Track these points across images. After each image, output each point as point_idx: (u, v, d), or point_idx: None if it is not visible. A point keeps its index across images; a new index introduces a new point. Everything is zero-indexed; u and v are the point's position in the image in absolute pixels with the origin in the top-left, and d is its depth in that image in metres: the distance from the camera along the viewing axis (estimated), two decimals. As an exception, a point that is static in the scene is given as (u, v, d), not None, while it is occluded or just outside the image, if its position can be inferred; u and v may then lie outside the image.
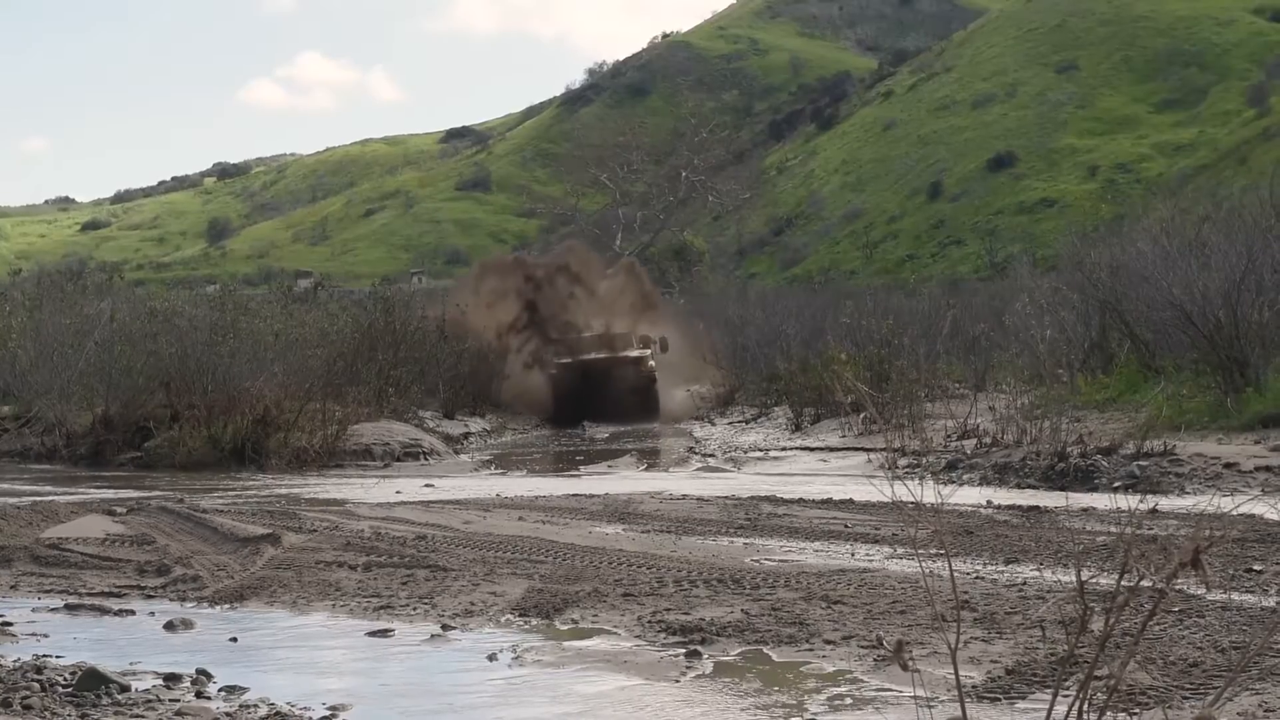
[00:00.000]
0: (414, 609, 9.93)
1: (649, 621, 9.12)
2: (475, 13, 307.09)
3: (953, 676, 5.30)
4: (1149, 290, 24.59)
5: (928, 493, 5.35)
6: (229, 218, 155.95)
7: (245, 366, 25.88)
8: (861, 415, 24.80)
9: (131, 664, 8.21)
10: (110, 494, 19.22)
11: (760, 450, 24.94)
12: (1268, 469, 16.00)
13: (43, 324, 31.93)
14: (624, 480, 20.83)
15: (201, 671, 7.91)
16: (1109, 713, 5.00)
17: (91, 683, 7.41)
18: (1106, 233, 32.45)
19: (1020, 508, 14.72)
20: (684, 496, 17.13)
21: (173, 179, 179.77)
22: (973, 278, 70.97)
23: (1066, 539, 11.76)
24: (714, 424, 33.18)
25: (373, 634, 9.20)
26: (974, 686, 7.03)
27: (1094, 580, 5.86)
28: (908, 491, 5.31)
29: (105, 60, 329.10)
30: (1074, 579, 5.06)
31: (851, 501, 15.76)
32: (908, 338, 26.93)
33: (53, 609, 10.31)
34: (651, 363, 37.76)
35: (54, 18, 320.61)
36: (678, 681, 7.65)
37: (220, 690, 7.60)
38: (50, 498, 18.61)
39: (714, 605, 9.54)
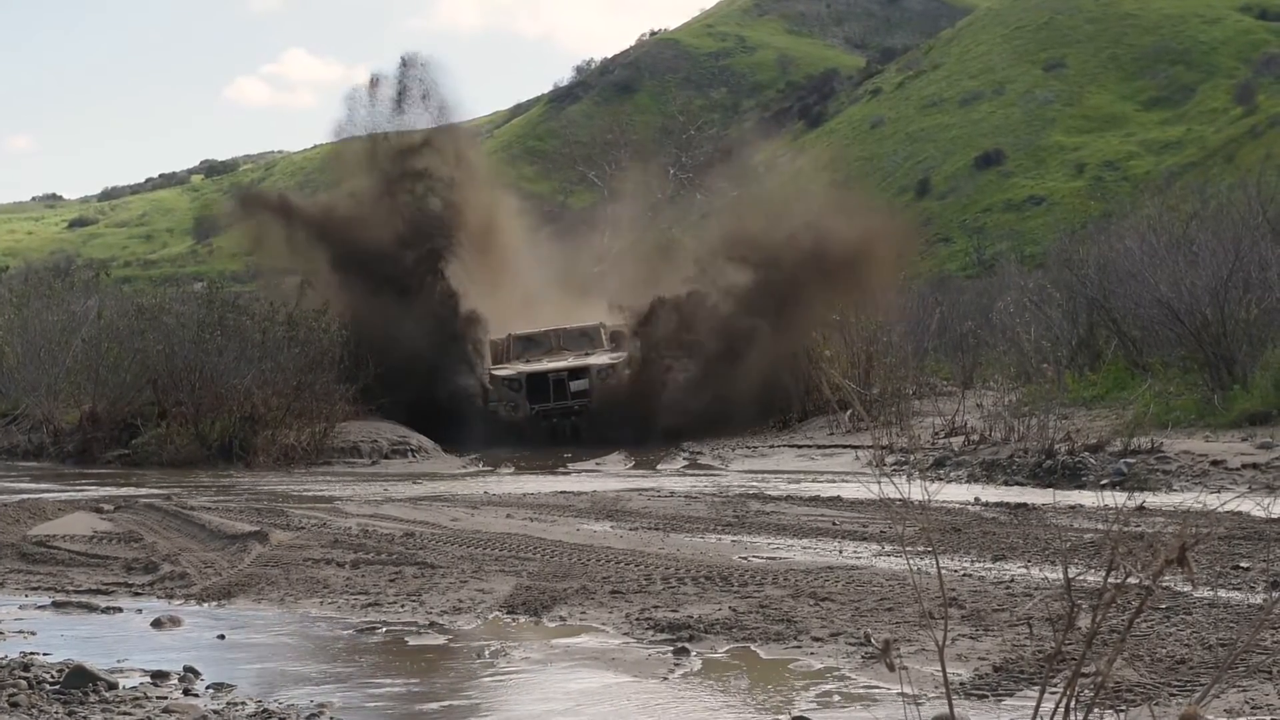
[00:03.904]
0: (402, 606, 9.92)
1: (637, 619, 9.12)
2: (460, 10, 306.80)
3: (940, 673, 5.31)
4: (1136, 288, 24.64)
5: (915, 490, 5.36)
6: (217, 215, 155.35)
7: (233, 364, 25.84)
8: (849, 413, 24.82)
9: (119, 661, 8.19)
10: (97, 491, 19.20)
11: (748, 447, 24.92)
12: (1254, 466, 16.03)
13: (30, 321, 31.88)
14: (612, 478, 20.83)
15: (189, 669, 7.90)
16: (1096, 710, 5.01)
17: (79, 680, 7.40)
18: (1094, 230, 32.48)
19: (1008, 505, 14.73)
20: (672, 494, 17.13)
21: (160, 176, 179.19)
22: (960, 275, 71.02)
23: (1054, 536, 11.78)
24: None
25: (360, 631, 9.19)
26: (961, 684, 7.04)
27: (1081, 577, 5.87)
28: (895, 489, 5.31)
29: (92, 58, 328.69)
30: (1061, 576, 5.06)
31: (839, 499, 15.78)
32: (895, 335, 26.94)
33: (40, 606, 10.29)
34: (627, 371, 29.13)
35: (40, 15, 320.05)
36: (665, 679, 7.65)
37: (208, 688, 7.59)
38: (37, 495, 18.59)
39: (702, 602, 9.54)
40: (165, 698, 7.34)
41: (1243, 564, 10.15)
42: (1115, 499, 10.96)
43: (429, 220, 32.06)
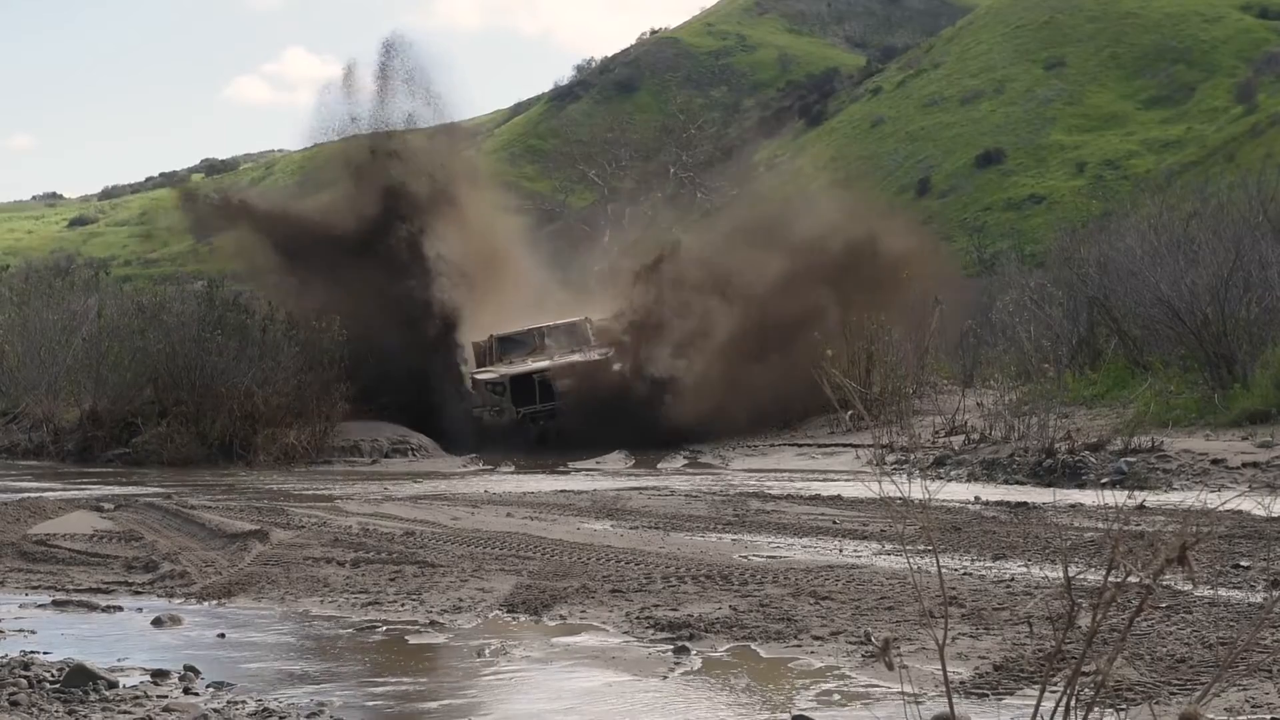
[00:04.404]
0: (402, 605, 9.93)
1: (637, 618, 9.12)
2: (459, 9, 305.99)
3: (941, 672, 5.30)
4: (1137, 286, 24.63)
5: (915, 489, 5.36)
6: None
7: (233, 363, 25.82)
8: (849, 412, 24.79)
9: (119, 660, 8.19)
10: (98, 490, 19.20)
11: (748, 446, 24.88)
12: (1254, 465, 16.03)
13: (30, 320, 31.90)
14: (612, 477, 20.82)
15: (189, 668, 7.90)
16: (1096, 708, 5.01)
17: (79, 679, 7.40)
18: (1094, 229, 32.44)
19: (1008, 504, 14.74)
20: (672, 492, 17.13)
21: (160, 175, 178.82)
22: (961, 274, 70.93)
23: (1054, 535, 11.78)
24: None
25: (361, 629, 9.19)
26: (962, 683, 7.04)
27: (1081, 576, 5.88)
28: (895, 487, 5.31)
29: (92, 57, 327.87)
30: (1061, 575, 5.06)
31: (840, 498, 15.78)
32: (896, 334, 26.89)
33: (40, 605, 10.29)
34: (616, 365, 27.22)
35: (40, 14, 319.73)
36: (665, 678, 7.65)
37: (208, 686, 7.58)
38: (38, 494, 18.59)
39: (702, 601, 9.54)
40: (165, 696, 7.34)
41: (1243, 563, 10.15)
42: (1115, 498, 10.96)
43: (403, 196, 30.31)
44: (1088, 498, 13.89)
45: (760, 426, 25.66)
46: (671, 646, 8.30)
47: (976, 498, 15.35)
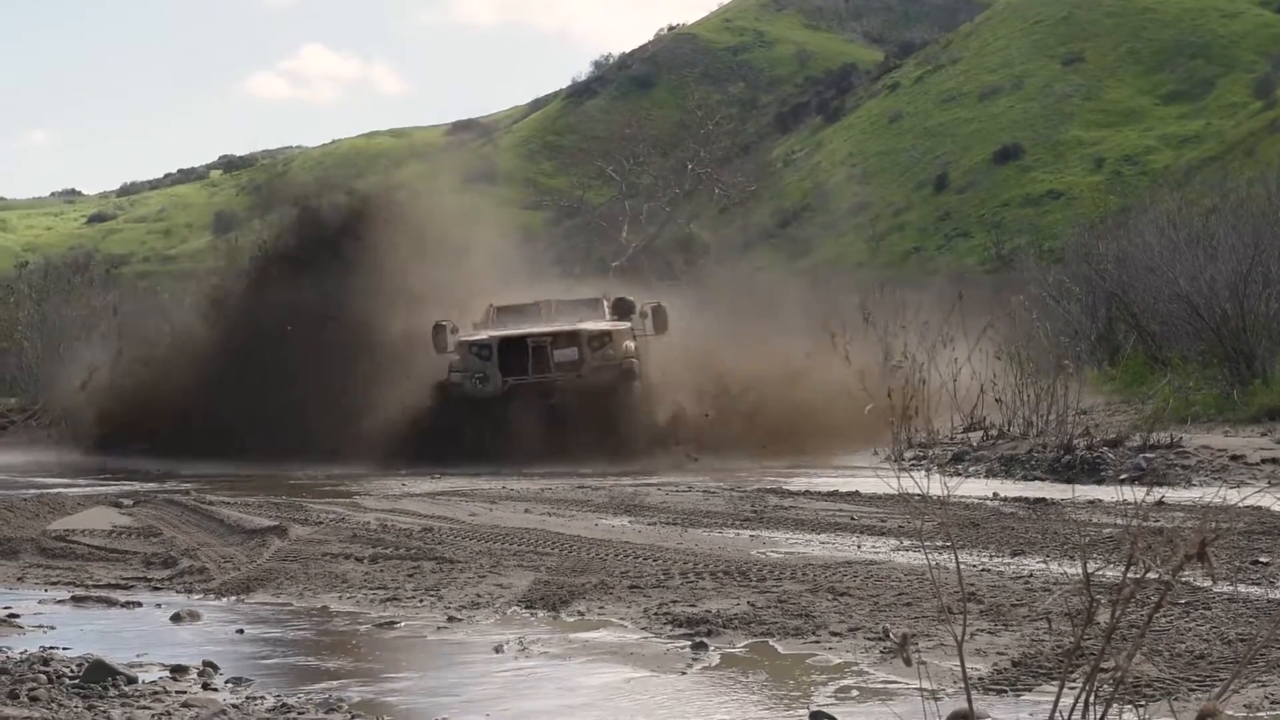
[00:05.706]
0: (420, 600, 9.93)
1: (655, 613, 9.11)
2: (476, 4, 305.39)
3: (959, 668, 5.29)
4: (1155, 282, 24.62)
5: (934, 485, 5.35)
6: (235, 210, 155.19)
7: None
8: (867, 408, 24.62)
9: (138, 656, 8.21)
10: (117, 486, 19.25)
11: (766, 442, 24.78)
12: (1274, 461, 16.00)
13: (49, 316, 32.04)
14: (629, 472, 20.77)
15: (208, 663, 7.91)
16: (1115, 705, 5.00)
17: (98, 674, 7.42)
18: (1113, 224, 32.38)
19: (1026, 500, 14.71)
20: (690, 488, 17.13)
21: (179, 171, 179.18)
22: (979, 270, 70.76)
23: (1073, 531, 11.74)
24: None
25: (379, 625, 9.20)
26: (980, 679, 7.02)
27: (1100, 572, 5.87)
28: (914, 484, 5.30)
29: (109, 53, 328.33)
30: (1080, 571, 5.05)
31: (858, 494, 15.76)
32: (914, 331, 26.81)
33: (59, 601, 10.32)
34: (629, 343, 23.10)
35: (55, 10, 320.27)
36: (684, 673, 7.64)
37: (226, 682, 7.59)
38: (57, 490, 18.65)
39: (720, 597, 9.53)
40: (184, 692, 7.35)
41: (1262, 559, 10.12)
42: (1134, 494, 10.92)
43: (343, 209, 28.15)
44: (1106, 494, 13.88)
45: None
46: (689, 642, 8.29)
47: (995, 494, 15.33)
